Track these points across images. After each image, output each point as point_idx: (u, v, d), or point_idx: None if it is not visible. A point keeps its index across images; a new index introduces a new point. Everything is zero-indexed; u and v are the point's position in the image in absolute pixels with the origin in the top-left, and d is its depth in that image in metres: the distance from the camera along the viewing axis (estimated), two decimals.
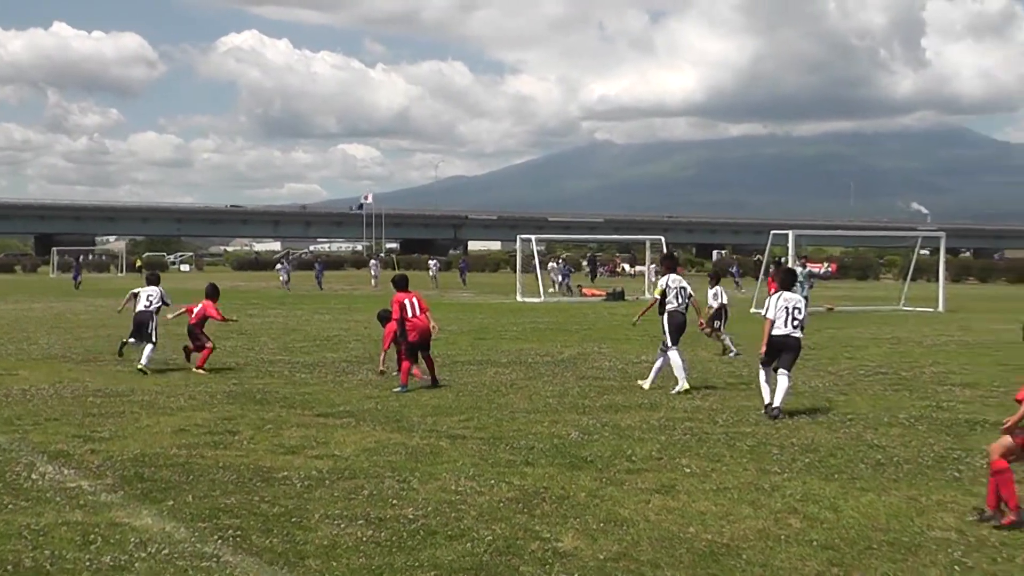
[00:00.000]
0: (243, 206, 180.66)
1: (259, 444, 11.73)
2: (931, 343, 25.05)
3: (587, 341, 25.22)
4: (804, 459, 10.97)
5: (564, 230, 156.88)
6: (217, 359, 20.75)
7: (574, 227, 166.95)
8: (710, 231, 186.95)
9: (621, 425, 12.98)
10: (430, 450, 11.39)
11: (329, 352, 22.38)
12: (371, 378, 17.75)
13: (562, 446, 11.62)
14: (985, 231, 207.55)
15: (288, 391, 16.17)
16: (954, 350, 23.33)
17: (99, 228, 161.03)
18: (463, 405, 14.72)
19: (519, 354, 21.89)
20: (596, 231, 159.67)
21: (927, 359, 21.16)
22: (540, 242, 56.82)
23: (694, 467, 10.56)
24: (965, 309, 39.71)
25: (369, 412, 14.02)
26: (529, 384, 17.07)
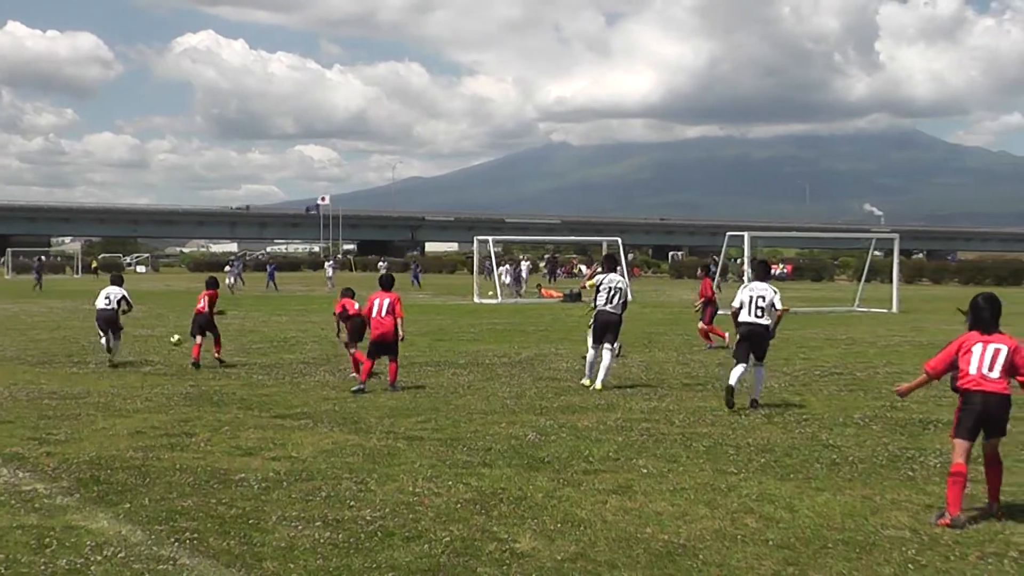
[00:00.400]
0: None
1: (216, 446, 11.67)
2: (885, 344, 25.29)
3: (544, 342, 25.26)
4: (760, 459, 11.04)
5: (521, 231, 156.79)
6: (173, 361, 20.66)
7: (531, 228, 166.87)
8: (667, 232, 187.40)
9: (578, 426, 13.02)
10: (388, 451, 11.38)
11: (286, 354, 22.29)
12: (328, 379, 17.71)
13: (519, 447, 11.64)
14: (938, 232, 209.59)
15: (245, 393, 16.10)
16: (908, 351, 23.56)
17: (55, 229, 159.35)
18: (421, 406, 14.71)
19: (477, 355, 21.91)
20: (553, 232, 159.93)
21: (881, 360, 21.37)
22: (497, 243, 56.76)
23: (651, 468, 10.61)
24: (918, 310, 40.09)
25: (326, 414, 13.99)
26: (486, 385, 17.09)
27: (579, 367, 19.66)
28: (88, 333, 27.44)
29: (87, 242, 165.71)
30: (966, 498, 8.85)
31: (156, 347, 23.80)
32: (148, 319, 32.94)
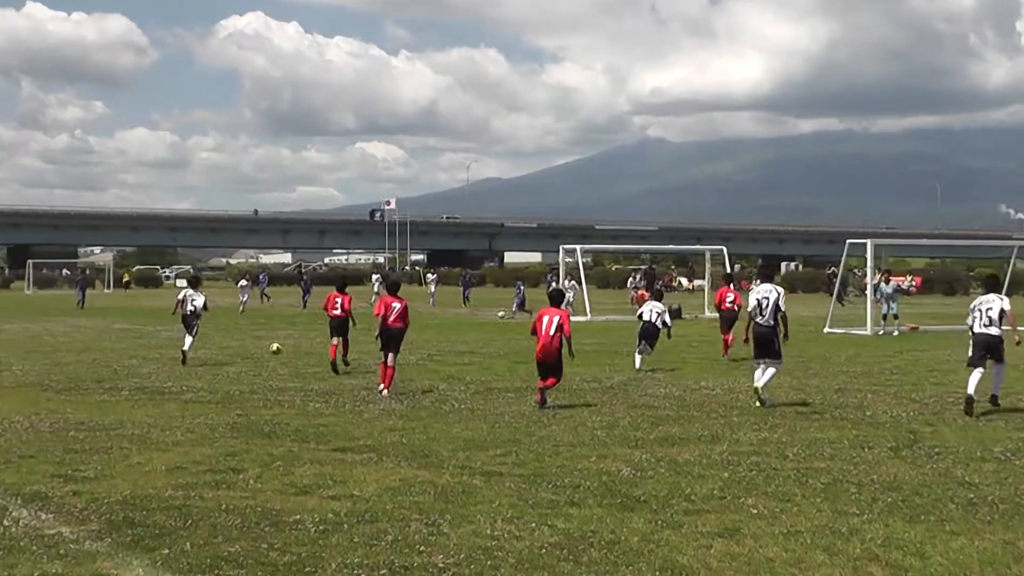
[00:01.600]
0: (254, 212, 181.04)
1: (267, 483, 11.76)
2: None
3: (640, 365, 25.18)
4: (886, 498, 10.90)
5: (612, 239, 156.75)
6: (218, 387, 20.89)
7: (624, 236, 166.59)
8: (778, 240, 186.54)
9: (678, 460, 12.95)
10: (462, 489, 11.39)
11: (347, 379, 22.46)
12: (395, 407, 17.80)
13: (611, 484, 11.60)
14: None
15: (300, 423, 16.22)
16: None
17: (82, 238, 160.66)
18: (499, 438, 14.72)
19: (563, 380, 21.87)
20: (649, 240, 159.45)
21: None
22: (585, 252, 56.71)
23: (761, 508, 10.51)
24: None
25: (392, 446, 14.04)
26: (574, 414, 17.07)
27: (678, 393, 19.58)
28: (120, 356, 27.92)
29: (119, 253, 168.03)
30: None
31: (198, 372, 24.06)
32: None
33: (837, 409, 17.49)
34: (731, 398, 18.96)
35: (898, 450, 13.68)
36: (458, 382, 21.46)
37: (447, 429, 15.53)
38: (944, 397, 19.04)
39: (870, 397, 19.11)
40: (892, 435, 14.81)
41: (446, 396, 19.16)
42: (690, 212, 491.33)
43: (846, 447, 13.88)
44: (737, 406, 17.90)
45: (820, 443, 14.20)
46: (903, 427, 15.62)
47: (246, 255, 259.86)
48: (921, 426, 15.78)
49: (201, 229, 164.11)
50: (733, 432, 15.19)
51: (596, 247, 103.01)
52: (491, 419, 16.51)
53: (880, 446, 13.92)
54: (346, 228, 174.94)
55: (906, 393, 19.60)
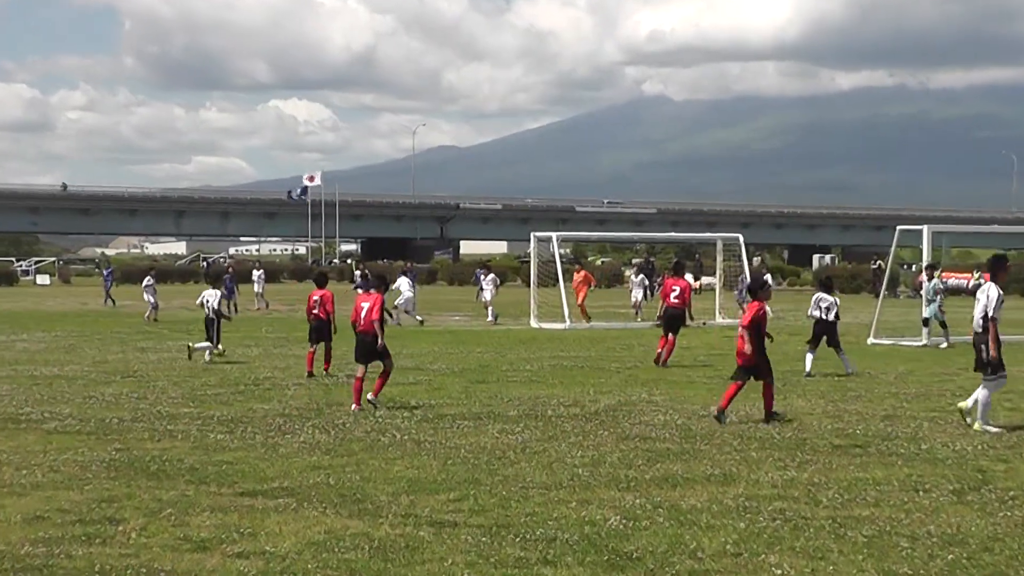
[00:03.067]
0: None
1: (154, 537, 11.72)
2: None
3: (632, 385, 25.24)
4: (946, 555, 10.96)
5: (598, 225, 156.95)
6: (93, 412, 20.80)
7: (613, 221, 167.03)
8: (809, 227, 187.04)
9: (682, 506, 12.99)
10: (405, 544, 11.40)
11: (258, 402, 22.42)
12: (319, 439, 17.77)
13: (597, 537, 11.63)
14: None
15: (197, 459, 16.18)
16: None
17: None
18: (453, 478, 14.73)
19: (534, 404, 21.92)
20: (645, 226, 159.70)
21: None
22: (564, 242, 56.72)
23: (787, 567, 10.56)
24: None
25: (317, 489, 14.04)
26: (548, 447, 17.09)
27: (682, 421, 19.63)
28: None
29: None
30: None
31: (66, 394, 23.91)
32: (54, 353, 33.24)
33: (884, 442, 17.57)
34: (749, 427, 19.02)
35: (962, 493, 13.75)
36: (401, 407, 21.44)
37: (386, 467, 15.53)
38: (1022, 426, 19.14)
39: (927, 426, 19.20)
40: (955, 475, 14.89)
41: (385, 425, 19.15)
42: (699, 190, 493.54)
43: (895, 490, 13.95)
44: (757, 437, 17.96)
45: (862, 485, 14.27)
46: (969, 464, 15.70)
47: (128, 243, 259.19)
48: (992, 463, 15.86)
49: (69, 211, 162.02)
50: (752, 471, 15.24)
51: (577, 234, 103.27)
52: (442, 454, 16.51)
53: (939, 488, 13.99)
54: (256, 210, 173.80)
55: None
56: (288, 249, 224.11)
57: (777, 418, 19.47)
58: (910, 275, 79.27)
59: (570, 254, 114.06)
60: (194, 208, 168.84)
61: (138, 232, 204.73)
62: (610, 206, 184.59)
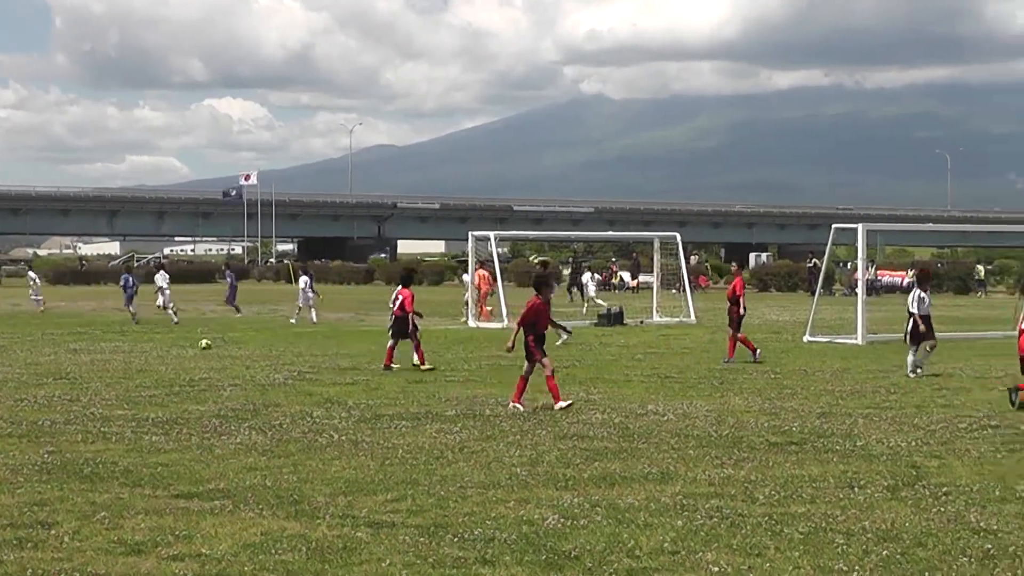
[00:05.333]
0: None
1: (87, 541, 11.66)
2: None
3: (569, 384, 25.26)
4: (880, 551, 11.05)
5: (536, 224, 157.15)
6: (24, 415, 20.66)
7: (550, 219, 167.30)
8: (747, 225, 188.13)
9: (619, 505, 13.04)
10: (343, 545, 11.40)
11: (194, 404, 22.32)
12: (256, 440, 17.73)
13: (534, 536, 11.66)
14: None
15: (131, 461, 16.11)
16: None
17: None
18: (391, 479, 14.73)
19: (472, 404, 21.93)
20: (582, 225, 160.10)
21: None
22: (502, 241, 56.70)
23: (724, 564, 10.62)
24: None
25: (253, 490, 14.00)
26: (486, 447, 17.11)
27: (619, 419, 19.70)
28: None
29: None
30: None
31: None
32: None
33: (820, 439, 17.68)
34: (686, 425, 19.10)
35: (896, 489, 13.87)
36: (338, 407, 21.40)
37: (323, 468, 15.51)
38: (955, 423, 19.30)
39: (862, 423, 19.33)
40: (889, 471, 15.00)
41: (322, 425, 19.12)
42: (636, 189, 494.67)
43: (831, 486, 14.05)
44: (694, 435, 18.03)
45: (798, 482, 14.36)
46: (903, 461, 15.82)
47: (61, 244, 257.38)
48: (926, 459, 15.99)
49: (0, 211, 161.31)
50: (689, 469, 15.31)
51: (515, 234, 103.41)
52: (380, 455, 16.51)
53: (874, 485, 14.09)
54: (191, 210, 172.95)
55: (907, 418, 19.85)
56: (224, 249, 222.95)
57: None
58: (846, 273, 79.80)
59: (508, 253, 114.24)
60: (128, 208, 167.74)
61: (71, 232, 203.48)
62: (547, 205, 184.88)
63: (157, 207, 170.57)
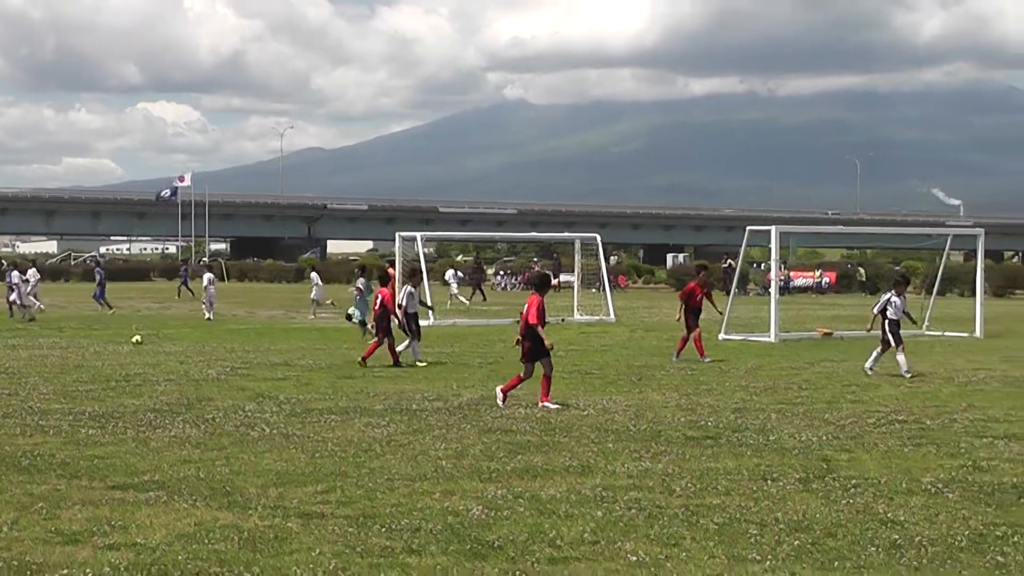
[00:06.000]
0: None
1: (25, 531, 11.57)
2: (965, 380, 25.53)
3: (493, 380, 25.22)
4: (792, 541, 11.12)
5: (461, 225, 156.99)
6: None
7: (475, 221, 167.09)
8: (664, 227, 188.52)
9: (541, 496, 13.05)
10: (274, 535, 11.36)
11: (129, 398, 22.18)
12: (190, 433, 17.63)
13: (459, 526, 11.66)
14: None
15: (68, 454, 15.98)
16: (996, 389, 23.80)
17: None
18: (320, 471, 14.69)
19: (399, 399, 21.89)
20: (506, 226, 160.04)
21: (959, 402, 21.55)
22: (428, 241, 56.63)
23: (642, 554, 10.65)
24: (1012, 333, 40.49)
25: (187, 482, 13.93)
26: (413, 440, 17.09)
27: (540, 415, 19.72)
28: None
29: None
30: None
31: None
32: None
33: (735, 433, 17.77)
34: (605, 420, 19.14)
35: (808, 482, 13.95)
36: (269, 401, 21.32)
37: (255, 460, 15.45)
38: (864, 417, 19.44)
39: (775, 418, 19.44)
40: (801, 464, 15.10)
41: (254, 419, 19.04)
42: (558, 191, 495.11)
43: (745, 479, 14.12)
44: (613, 430, 18.08)
45: (714, 474, 14.42)
46: (814, 454, 15.92)
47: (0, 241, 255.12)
48: (836, 453, 16.10)
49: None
50: (608, 462, 15.34)
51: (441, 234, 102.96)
52: (310, 447, 16.46)
53: (786, 477, 14.18)
54: (127, 210, 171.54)
55: (818, 413, 19.98)
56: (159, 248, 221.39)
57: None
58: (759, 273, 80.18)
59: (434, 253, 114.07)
60: (65, 208, 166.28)
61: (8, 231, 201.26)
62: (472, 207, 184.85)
63: (93, 207, 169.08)
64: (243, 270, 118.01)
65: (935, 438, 17.36)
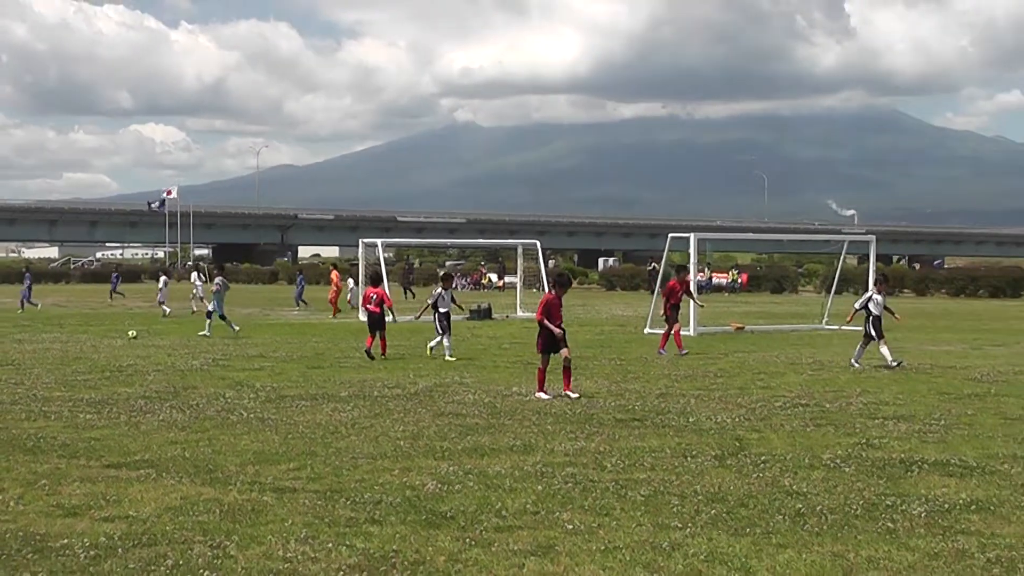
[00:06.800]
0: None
1: (30, 505, 11.47)
2: (859, 368, 25.63)
3: (446, 369, 25.25)
4: (710, 510, 11.14)
5: (417, 232, 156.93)
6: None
7: (430, 229, 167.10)
8: (596, 234, 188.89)
9: (488, 472, 13.02)
10: (251, 507, 11.29)
11: (122, 386, 22.02)
12: (176, 418, 17.52)
13: (416, 499, 11.62)
14: (922, 234, 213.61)
15: (68, 436, 15.85)
16: (886, 376, 23.93)
17: None
18: (292, 450, 14.61)
19: (362, 386, 21.82)
20: (457, 233, 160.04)
21: (855, 387, 21.66)
22: (388, 247, 56.58)
23: (577, 523, 10.64)
24: (899, 327, 40.71)
25: (174, 461, 13.83)
26: (375, 423, 17.03)
27: (489, 399, 19.69)
28: None
29: None
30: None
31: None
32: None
33: (659, 415, 17.79)
34: (545, 404, 19.14)
35: (723, 459, 13.98)
36: (247, 389, 21.20)
37: (234, 441, 15.36)
38: (772, 401, 19.51)
39: (693, 402, 19.48)
40: (717, 443, 15.13)
41: (234, 405, 18.93)
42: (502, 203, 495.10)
43: (668, 456, 14.14)
44: (552, 413, 18.07)
45: (640, 452, 14.43)
46: (728, 434, 15.96)
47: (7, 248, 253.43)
48: (747, 432, 16.14)
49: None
50: (547, 442, 15.33)
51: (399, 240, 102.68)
52: (283, 430, 16.38)
53: (704, 455, 14.20)
54: (120, 219, 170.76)
55: (732, 398, 20.04)
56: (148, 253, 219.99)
57: None
58: None
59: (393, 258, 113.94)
60: (65, 218, 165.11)
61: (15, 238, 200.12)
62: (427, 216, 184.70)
63: (91, 217, 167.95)
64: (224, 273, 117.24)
65: (833, 419, 17.44)
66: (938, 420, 17.20)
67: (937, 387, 21.83)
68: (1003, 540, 10.02)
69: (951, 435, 15.91)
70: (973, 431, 16.29)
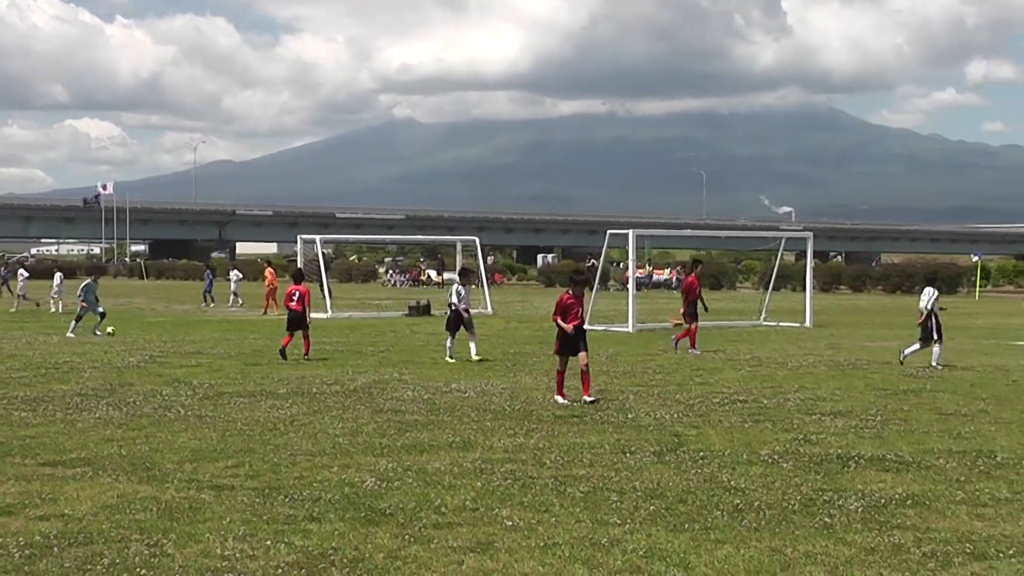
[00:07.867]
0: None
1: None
2: (797, 364, 25.83)
3: (385, 366, 25.22)
4: (648, 507, 11.18)
5: (355, 229, 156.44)
6: None
7: (368, 225, 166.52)
8: (535, 231, 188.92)
9: (427, 469, 13.02)
10: (189, 505, 11.23)
11: (58, 384, 21.83)
12: (113, 415, 17.39)
13: (355, 496, 11.59)
14: (858, 231, 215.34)
15: (3, 434, 15.70)
16: (823, 372, 24.11)
17: None
18: (230, 447, 14.55)
19: (301, 383, 21.75)
20: (395, 230, 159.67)
21: (792, 383, 21.81)
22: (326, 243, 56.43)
23: (516, 519, 10.66)
24: (836, 323, 41.10)
25: (110, 459, 13.74)
26: (313, 420, 16.98)
27: (427, 396, 19.68)
28: None
29: None
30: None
31: None
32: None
33: (598, 412, 17.85)
34: (484, 401, 19.15)
35: (661, 455, 14.04)
36: (184, 386, 21.08)
37: (172, 439, 15.27)
38: (710, 398, 19.61)
39: (632, 399, 19.55)
40: (655, 439, 15.19)
41: (171, 402, 18.83)
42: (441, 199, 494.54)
43: (607, 452, 14.19)
44: (491, 409, 18.08)
45: (579, 448, 14.47)
46: (667, 430, 16.03)
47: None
48: (686, 429, 16.22)
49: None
50: (487, 438, 15.35)
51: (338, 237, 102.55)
52: (221, 427, 16.30)
53: (643, 451, 14.26)
54: (55, 215, 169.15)
55: (670, 394, 20.13)
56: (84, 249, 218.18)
57: None
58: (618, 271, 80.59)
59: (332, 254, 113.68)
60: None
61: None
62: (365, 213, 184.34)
63: (25, 213, 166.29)
64: (160, 269, 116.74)
65: (771, 415, 17.56)
66: (874, 416, 17.36)
67: (873, 383, 22.03)
68: (938, 535, 10.13)
69: (887, 431, 16.06)
70: (909, 427, 16.45)
